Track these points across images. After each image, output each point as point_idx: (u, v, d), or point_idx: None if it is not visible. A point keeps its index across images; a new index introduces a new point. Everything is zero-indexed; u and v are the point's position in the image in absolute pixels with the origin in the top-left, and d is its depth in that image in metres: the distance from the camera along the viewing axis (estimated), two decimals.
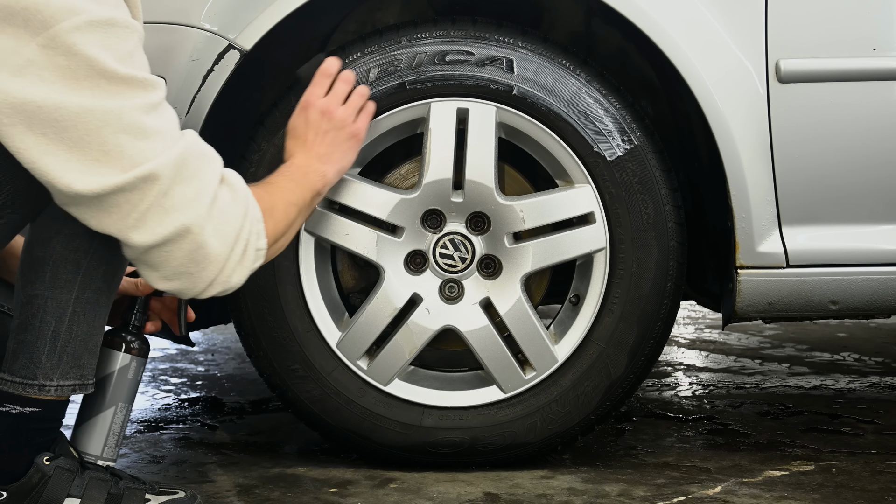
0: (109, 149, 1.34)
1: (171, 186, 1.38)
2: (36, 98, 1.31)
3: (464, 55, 1.86)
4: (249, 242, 1.48)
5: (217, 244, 1.43)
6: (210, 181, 1.43)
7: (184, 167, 1.39)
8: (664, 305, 1.90)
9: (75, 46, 1.31)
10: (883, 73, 1.83)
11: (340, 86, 1.79)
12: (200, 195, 1.41)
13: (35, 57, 1.30)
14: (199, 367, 3.12)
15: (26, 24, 1.30)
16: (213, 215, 1.42)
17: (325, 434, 1.98)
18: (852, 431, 2.28)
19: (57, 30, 1.30)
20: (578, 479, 1.91)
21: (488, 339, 1.90)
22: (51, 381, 1.52)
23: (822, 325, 3.82)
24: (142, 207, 1.37)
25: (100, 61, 1.32)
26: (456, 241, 1.91)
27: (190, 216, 1.40)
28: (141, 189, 1.36)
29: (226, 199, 1.45)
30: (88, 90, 1.32)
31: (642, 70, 2.13)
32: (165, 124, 1.39)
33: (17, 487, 1.52)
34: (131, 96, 1.35)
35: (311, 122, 1.74)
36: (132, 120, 1.34)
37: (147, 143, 1.36)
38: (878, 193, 1.86)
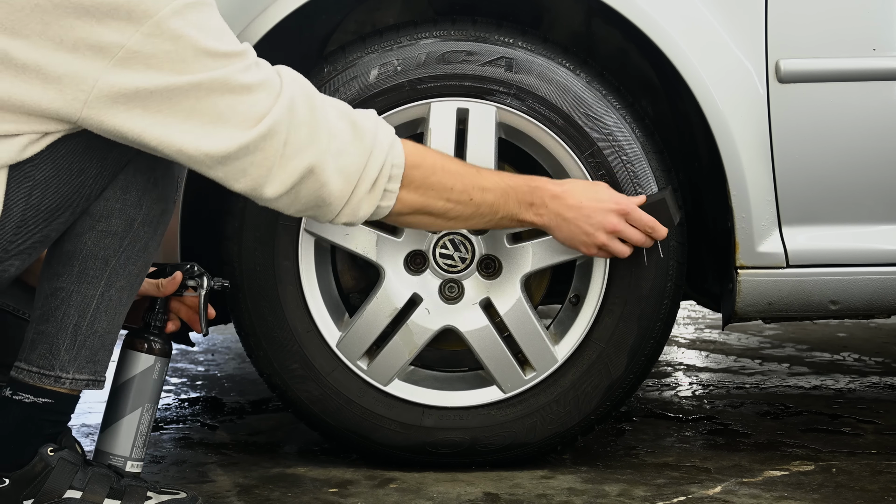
0: (222, 110, 1.42)
1: (289, 134, 1.46)
2: (147, 85, 1.38)
3: (464, 55, 1.86)
4: (378, 181, 1.55)
5: (338, 181, 1.52)
6: (325, 116, 1.51)
7: (293, 113, 1.47)
8: (664, 305, 1.90)
9: (178, 30, 1.38)
10: (883, 73, 1.83)
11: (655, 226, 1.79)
12: (315, 134, 1.49)
13: (140, 47, 1.37)
14: (199, 367, 3.12)
15: (129, 16, 1.36)
16: (332, 151, 1.50)
17: (325, 434, 1.98)
18: (852, 431, 2.28)
19: (160, 17, 1.37)
20: (578, 479, 1.91)
21: (488, 339, 1.90)
22: (67, 374, 1.53)
23: (822, 325, 3.82)
24: (268, 164, 1.46)
25: (201, 41, 1.40)
26: (456, 241, 1.91)
27: (310, 156, 1.48)
28: (263, 148, 1.45)
29: (344, 137, 1.52)
30: (195, 69, 1.40)
31: (642, 70, 2.13)
32: (265, 76, 1.47)
33: (20, 476, 1.53)
34: (230, 64, 1.43)
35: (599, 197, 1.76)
36: (235, 82, 1.42)
37: (254, 95, 1.44)
38: (878, 193, 1.86)
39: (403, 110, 1.87)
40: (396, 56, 1.86)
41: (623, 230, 1.77)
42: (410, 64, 1.86)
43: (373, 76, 1.86)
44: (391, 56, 1.86)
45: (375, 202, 1.57)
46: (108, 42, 1.36)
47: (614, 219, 1.76)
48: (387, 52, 1.86)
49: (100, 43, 1.36)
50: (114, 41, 1.36)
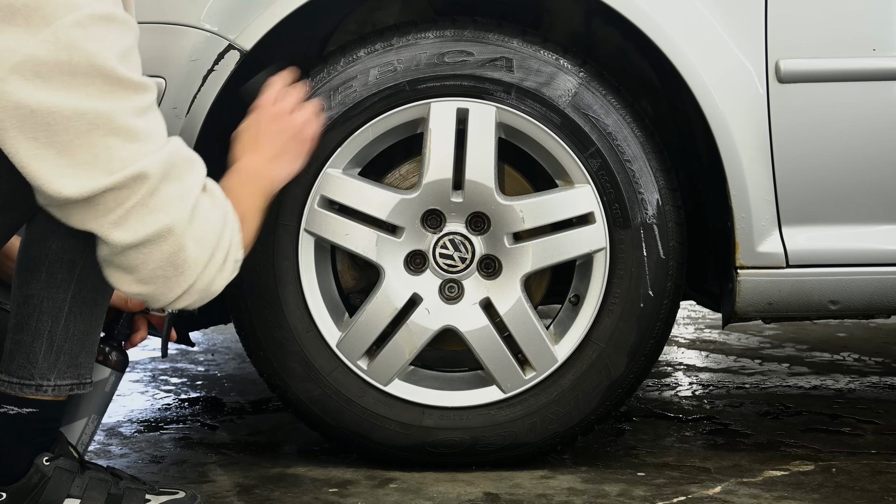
0: (99, 151, 1.33)
1: (159, 186, 1.38)
2: (30, 101, 1.30)
3: (464, 55, 1.86)
4: (230, 252, 1.48)
5: (197, 249, 1.43)
6: (195, 185, 1.43)
7: (171, 169, 1.39)
8: (664, 305, 1.90)
9: (77, 41, 1.31)
10: (883, 73, 1.83)
11: (293, 93, 1.76)
12: (185, 198, 1.41)
13: (35, 52, 1.30)
14: (199, 367, 3.12)
15: (27, 21, 1.30)
16: (196, 220, 1.42)
17: (325, 434, 1.98)
18: (852, 431, 2.28)
19: (59, 24, 1.30)
20: (578, 479, 1.91)
21: (488, 339, 1.90)
22: (48, 381, 1.52)
23: (822, 325, 3.82)
24: (128, 205, 1.36)
25: (100, 56, 1.32)
26: (456, 241, 1.91)
27: (173, 217, 1.39)
28: (129, 187, 1.36)
29: (207, 206, 1.45)
30: (83, 89, 1.32)
31: (642, 70, 2.13)
32: (155, 128, 1.39)
33: (17, 488, 1.52)
34: (124, 98, 1.35)
35: (262, 125, 1.72)
36: (122, 123, 1.34)
37: (136, 145, 1.36)
38: (878, 193, 1.86)
39: (403, 110, 1.87)
40: (396, 56, 1.86)
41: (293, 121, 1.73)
42: (410, 64, 1.86)
43: (373, 76, 1.86)
44: (391, 56, 1.86)
45: (229, 275, 1.49)
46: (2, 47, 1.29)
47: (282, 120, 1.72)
48: (387, 52, 1.86)
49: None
50: (7, 46, 1.29)
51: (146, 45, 1.83)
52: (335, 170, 1.88)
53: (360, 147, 1.88)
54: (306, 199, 1.88)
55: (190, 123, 1.81)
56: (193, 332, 2.53)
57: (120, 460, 2.08)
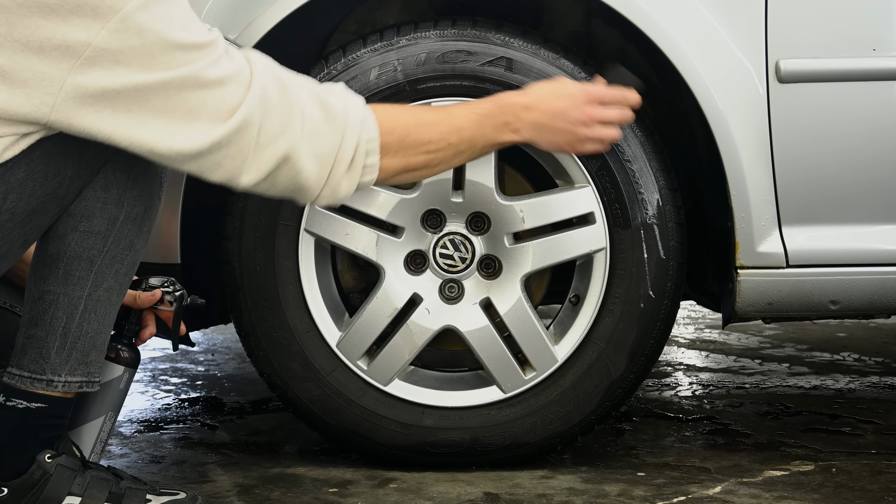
0: (193, 106, 1.40)
1: (262, 124, 1.44)
2: (115, 84, 1.36)
3: (464, 55, 1.86)
4: (356, 160, 1.52)
5: (314, 166, 1.49)
6: (296, 99, 1.48)
7: (266, 101, 1.45)
8: (664, 305, 1.90)
9: (145, 24, 1.36)
10: (883, 73, 1.83)
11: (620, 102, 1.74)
12: (288, 121, 1.47)
13: (107, 44, 1.35)
14: (199, 367, 3.12)
15: (94, 12, 1.34)
16: (306, 136, 1.48)
17: (325, 434, 1.98)
18: (852, 431, 2.28)
19: (125, 12, 1.35)
20: (578, 479, 1.91)
21: (488, 339, 1.90)
22: (59, 377, 1.52)
23: (822, 325, 3.82)
24: (242, 155, 1.44)
25: (168, 34, 1.37)
26: (456, 241, 1.91)
27: (284, 144, 1.46)
28: (237, 140, 1.43)
29: (317, 120, 1.49)
30: (164, 64, 1.37)
31: (642, 70, 2.12)
32: (235, 66, 1.44)
33: (19, 484, 1.52)
34: (200, 58, 1.40)
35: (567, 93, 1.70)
36: (205, 77, 1.40)
37: (225, 89, 1.42)
38: (878, 193, 1.86)
39: None
40: (396, 56, 1.86)
41: (600, 114, 1.71)
42: (410, 64, 1.86)
43: (373, 76, 1.86)
44: (391, 56, 1.86)
45: (356, 180, 1.54)
46: (74, 41, 1.34)
47: (589, 108, 1.70)
48: (387, 52, 1.86)
49: (66, 42, 1.34)
50: (80, 39, 1.34)
51: None
52: None
53: None
54: None
55: None
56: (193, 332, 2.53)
57: (120, 460, 2.08)
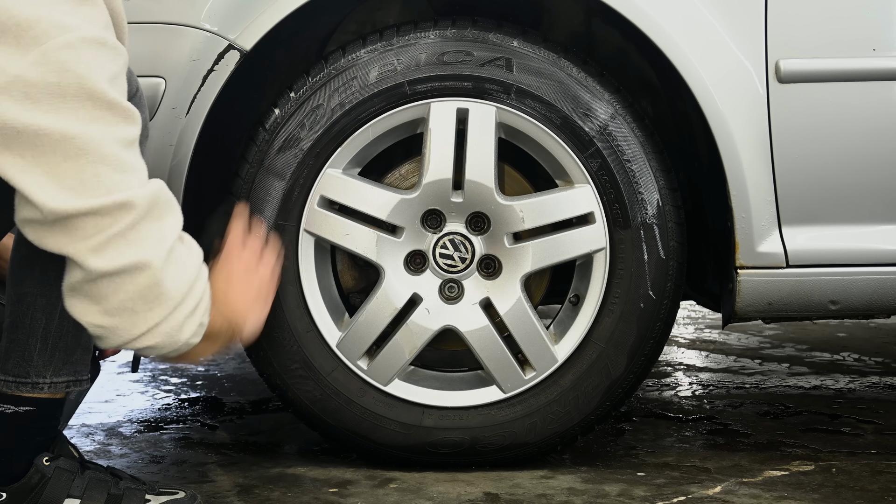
0: (86, 178, 1.31)
1: (141, 221, 1.35)
2: (17, 122, 1.28)
3: (463, 55, 1.86)
4: (199, 306, 1.44)
5: (173, 287, 1.39)
6: (174, 228, 1.41)
7: (155, 206, 1.37)
8: (664, 305, 1.90)
9: (67, 63, 1.28)
10: (883, 73, 1.83)
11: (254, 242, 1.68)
12: (163, 239, 1.38)
13: (24, 73, 1.27)
14: (199, 367, 3.12)
15: (17, 40, 1.28)
16: (172, 262, 1.39)
17: (325, 434, 1.98)
18: (852, 431, 2.28)
19: (49, 46, 1.28)
20: (578, 479, 1.91)
21: (488, 339, 1.90)
22: (44, 379, 1.52)
23: (822, 325, 3.82)
24: (108, 233, 1.33)
25: (90, 79, 1.30)
26: (456, 241, 1.91)
27: (151, 253, 1.36)
28: (114, 215, 1.33)
29: (183, 253, 1.42)
30: (73, 112, 1.29)
31: (642, 70, 2.13)
32: (140, 164, 1.37)
33: (17, 488, 1.52)
34: (113, 124, 1.33)
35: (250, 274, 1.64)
36: (111, 151, 1.32)
37: (124, 176, 1.33)
38: (878, 193, 1.86)
39: (403, 110, 1.87)
40: (396, 56, 1.86)
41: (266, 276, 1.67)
42: (410, 64, 1.86)
43: (373, 76, 1.86)
44: (391, 56, 1.86)
45: (194, 327, 1.43)
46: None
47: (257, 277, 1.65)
48: (387, 52, 1.86)
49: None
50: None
51: (146, 45, 1.84)
52: (335, 170, 1.88)
53: (360, 147, 1.88)
54: (306, 199, 1.88)
55: (190, 123, 1.81)
56: None
57: (120, 460, 2.08)
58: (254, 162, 1.87)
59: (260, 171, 1.86)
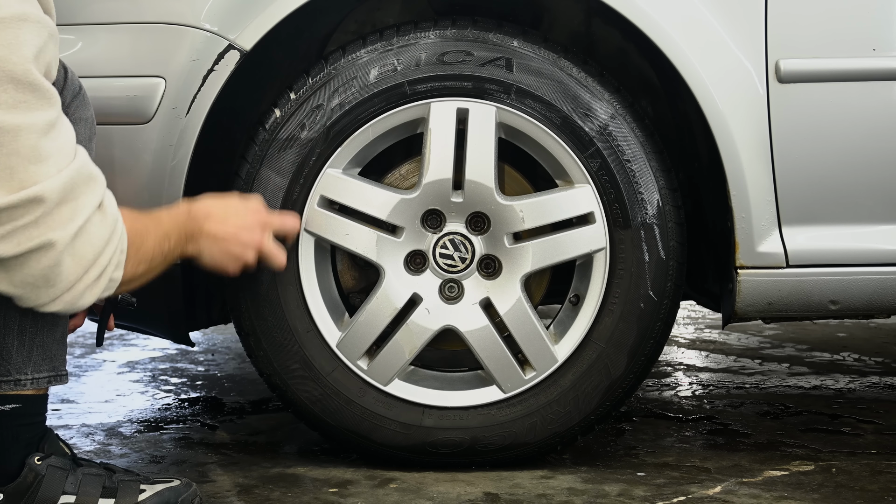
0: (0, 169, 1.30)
1: (54, 208, 1.35)
2: None
3: (463, 55, 1.86)
4: (106, 270, 1.45)
5: (72, 266, 1.40)
6: (89, 205, 1.40)
7: (70, 191, 1.37)
8: (664, 305, 1.90)
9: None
10: (883, 73, 1.83)
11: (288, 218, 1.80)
12: (74, 217, 1.38)
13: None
14: (199, 367, 3.12)
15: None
16: (79, 237, 1.39)
17: (325, 434, 1.98)
18: (852, 431, 2.28)
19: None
20: (578, 479, 1.91)
21: (488, 339, 1.90)
22: (25, 375, 1.53)
23: (822, 325, 3.82)
24: (18, 224, 1.34)
25: (10, 60, 1.27)
26: (456, 241, 1.91)
27: (58, 234, 1.37)
28: (25, 208, 1.33)
29: (95, 224, 1.42)
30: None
31: (642, 70, 2.13)
32: (61, 145, 1.36)
33: (13, 488, 1.53)
34: (35, 109, 1.31)
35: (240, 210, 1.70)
36: (27, 142, 1.31)
37: (39, 166, 1.33)
38: (878, 193, 1.86)
39: (403, 110, 1.87)
40: (396, 56, 1.86)
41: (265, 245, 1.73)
42: (410, 64, 1.86)
43: (373, 76, 1.86)
44: (391, 56, 1.86)
45: (99, 292, 1.46)
46: None
47: (258, 235, 1.72)
48: (387, 52, 1.86)
49: None
50: None
51: (146, 45, 1.83)
52: (335, 170, 1.88)
53: (360, 147, 1.88)
54: (306, 199, 1.88)
55: (190, 123, 1.81)
56: (193, 332, 2.52)
57: (120, 460, 2.08)
58: (254, 162, 1.87)
59: (260, 171, 1.86)
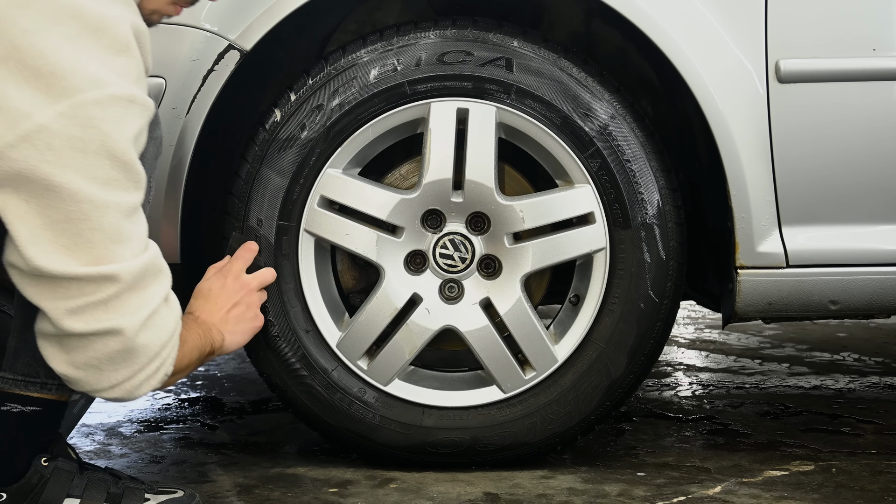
0: (82, 241, 1.34)
1: (125, 292, 1.39)
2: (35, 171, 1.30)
3: (464, 55, 1.86)
4: (164, 363, 1.48)
5: (142, 352, 1.44)
6: (157, 296, 1.44)
7: (142, 278, 1.40)
8: (664, 305, 1.90)
9: (94, 119, 1.31)
10: (883, 73, 1.83)
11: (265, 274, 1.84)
12: (143, 307, 1.42)
13: (50, 124, 1.29)
14: (199, 368, 3.12)
15: (49, 88, 1.29)
16: (147, 327, 1.43)
17: (325, 434, 1.98)
18: (852, 431, 2.28)
19: (79, 100, 1.30)
20: (578, 479, 1.91)
21: (488, 339, 1.90)
22: (53, 380, 1.52)
23: (822, 325, 3.82)
24: (90, 299, 1.37)
25: (112, 137, 1.32)
26: (456, 241, 1.91)
27: (127, 321, 1.40)
28: (98, 284, 1.36)
29: (162, 315, 1.46)
30: (90, 171, 1.32)
31: (642, 70, 2.13)
32: (139, 231, 1.40)
33: (17, 489, 1.52)
34: (124, 189, 1.35)
35: (229, 291, 1.76)
36: (111, 221, 1.35)
37: (117, 246, 1.36)
38: (878, 193, 1.86)
39: (403, 110, 1.87)
40: (396, 56, 1.86)
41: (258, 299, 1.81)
42: (410, 64, 1.86)
43: (373, 76, 1.86)
44: (391, 56, 1.86)
45: (155, 384, 1.49)
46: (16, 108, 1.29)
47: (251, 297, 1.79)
48: (387, 52, 1.86)
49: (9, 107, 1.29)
50: (21, 108, 1.29)
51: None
52: (335, 170, 1.88)
53: (360, 147, 1.88)
54: (306, 199, 1.88)
55: (190, 124, 1.81)
56: None
57: (120, 460, 2.08)
58: (254, 162, 1.87)
59: (260, 171, 1.86)
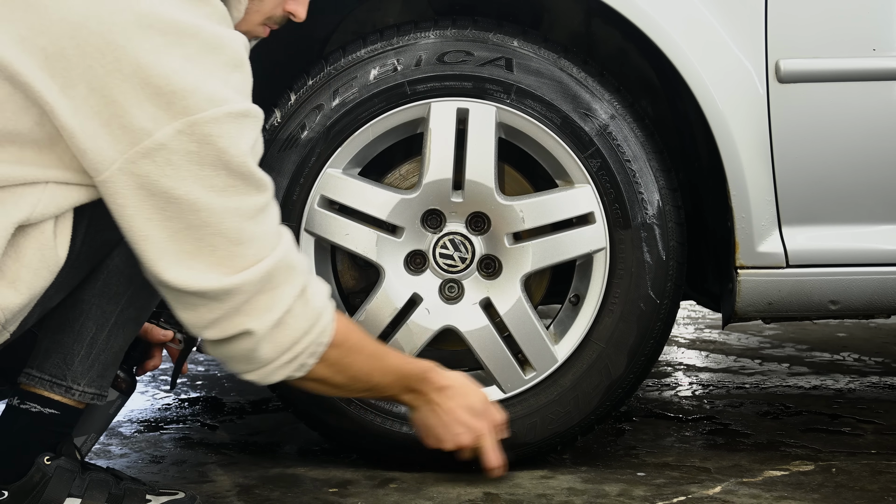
0: (203, 245, 1.38)
1: (252, 297, 1.42)
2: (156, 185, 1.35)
3: (464, 55, 1.86)
4: (300, 356, 1.51)
5: (269, 350, 1.48)
6: (288, 295, 1.46)
7: (269, 280, 1.43)
8: (664, 305, 1.90)
9: (210, 136, 1.34)
10: (883, 73, 1.83)
11: None
12: (274, 307, 1.45)
13: (168, 142, 1.33)
14: (199, 367, 3.12)
15: (169, 106, 1.33)
16: (278, 326, 1.46)
17: (325, 434, 1.98)
18: (852, 431, 2.28)
19: (197, 118, 1.33)
20: (578, 479, 1.91)
21: (488, 339, 1.90)
22: (77, 386, 1.54)
23: (822, 325, 3.82)
24: (218, 313, 1.42)
25: (228, 152, 1.36)
26: (456, 241, 1.91)
27: (256, 324, 1.44)
28: (221, 299, 1.41)
29: (295, 313, 1.48)
30: (208, 180, 1.36)
31: (642, 70, 2.13)
32: (265, 230, 1.43)
33: (19, 487, 1.52)
34: (244, 194, 1.39)
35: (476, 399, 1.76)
36: (232, 224, 1.38)
37: (239, 248, 1.40)
38: (878, 193, 1.86)
39: (403, 110, 1.87)
40: (396, 56, 1.86)
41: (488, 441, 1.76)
42: (410, 64, 1.86)
43: (373, 76, 1.86)
44: (391, 56, 1.86)
45: (289, 372, 1.53)
46: (138, 126, 1.33)
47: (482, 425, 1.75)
48: (387, 52, 1.86)
49: (131, 125, 1.33)
50: (142, 126, 1.33)
51: None
52: (335, 170, 1.88)
53: (360, 147, 1.88)
54: (306, 199, 1.88)
55: None
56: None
57: (120, 460, 2.08)
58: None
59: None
